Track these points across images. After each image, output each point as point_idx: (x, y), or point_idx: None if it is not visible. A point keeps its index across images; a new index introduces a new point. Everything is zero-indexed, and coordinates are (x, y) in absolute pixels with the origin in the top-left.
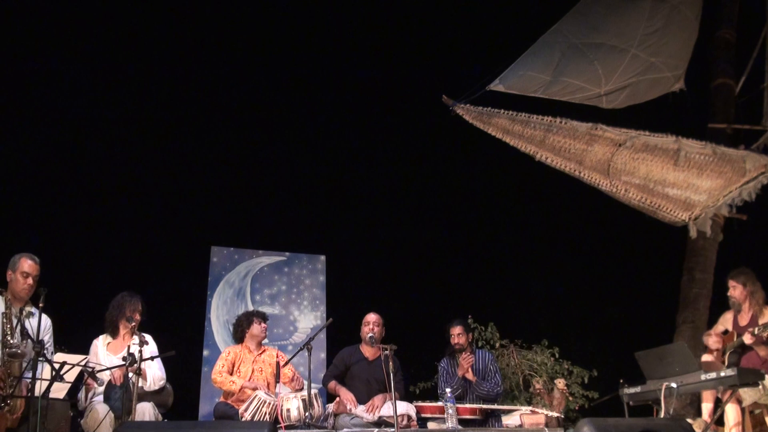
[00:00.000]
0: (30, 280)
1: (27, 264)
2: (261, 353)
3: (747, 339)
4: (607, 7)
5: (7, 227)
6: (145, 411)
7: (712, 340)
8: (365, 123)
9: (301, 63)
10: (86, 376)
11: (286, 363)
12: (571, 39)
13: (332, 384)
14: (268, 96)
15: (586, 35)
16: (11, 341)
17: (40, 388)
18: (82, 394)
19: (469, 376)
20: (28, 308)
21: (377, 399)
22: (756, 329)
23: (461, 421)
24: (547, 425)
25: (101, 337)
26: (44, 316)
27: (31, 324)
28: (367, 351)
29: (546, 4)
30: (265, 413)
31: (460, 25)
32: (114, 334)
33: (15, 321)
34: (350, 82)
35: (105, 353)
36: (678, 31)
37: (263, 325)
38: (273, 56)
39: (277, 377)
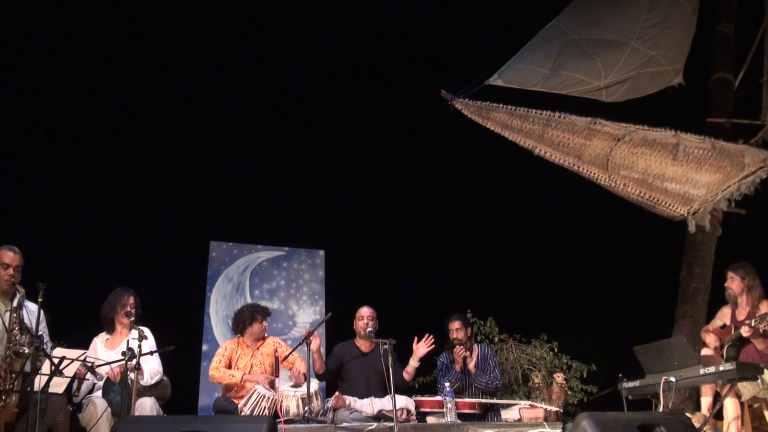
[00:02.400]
0: (11, 271)
1: (7, 256)
2: (259, 346)
3: (744, 332)
4: (606, 1)
5: (3, 222)
6: (146, 406)
7: (710, 339)
8: (364, 118)
9: (299, 57)
10: (86, 372)
11: (285, 358)
12: (570, 35)
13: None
14: (265, 91)
15: (585, 31)
16: (16, 338)
17: (39, 382)
18: (75, 385)
19: (471, 366)
20: (16, 300)
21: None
22: (753, 321)
23: (460, 416)
24: (545, 419)
25: (100, 335)
26: (34, 306)
27: (28, 315)
28: (363, 345)
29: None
30: (265, 408)
31: (459, 19)
32: (111, 330)
33: (8, 315)
34: (348, 76)
35: (104, 350)
36: (677, 25)
37: (264, 324)
38: (270, 50)
39: (277, 372)
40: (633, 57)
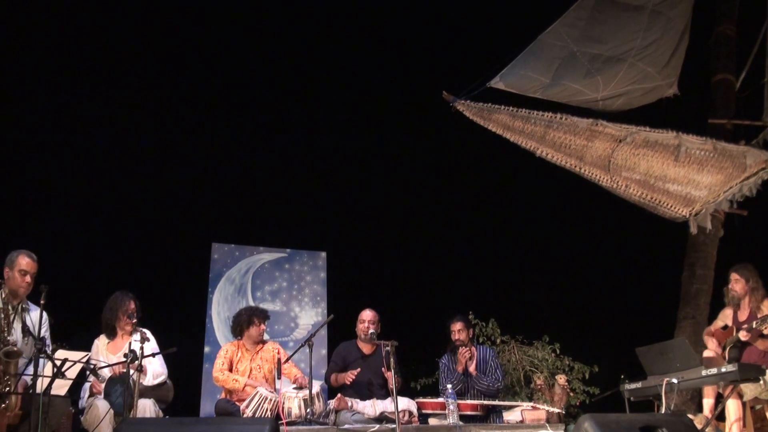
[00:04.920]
0: (28, 278)
1: (25, 261)
2: (259, 350)
3: (743, 336)
4: (606, 15)
5: (5, 223)
6: (146, 408)
7: (711, 345)
8: (365, 119)
9: (301, 59)
10: (88, 373)
11: (287, 359)
12: (571, 46)
13: (333, 377)
14: (268, 92)
15: (586, 45)
16: (8, 338)
17: (41, 385)
18: (84, 393)
19: (471, 368)
20: (23, 304)
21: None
22: (754, 323)
23: (462, 417)
24: (548, 421)
25: (101, 338)
26: (36, 309)
27: (31, 319)
28: (364, 347)
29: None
30: (267, 409)
31: (461, 20)
32: (111, 335)
33: (12, 318)
34: (351, 78)
35: (105, 354)
36: (671, 42)
37: (262, 327)
38: (274, 51)
39: (278, 373)
40: (630, 72)
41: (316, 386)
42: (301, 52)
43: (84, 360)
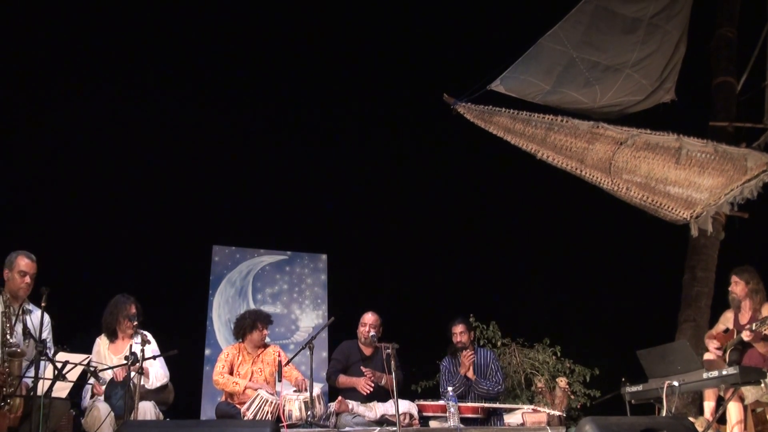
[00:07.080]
0: (27, 279)
1: (24, 262)
2: (260, 353)
3: (746, 336)
4: (605, 24)
5: (6, 225)
6: (146, 410)
7: (713, 346)
8: (367, 121)
9: (303, 61)
10: (89, 376)
11: (288, 362)
12: (570, 51)
13: (339, 378)
14: (269, 94)
15: (585, 50)
16: (10, 340)
17: (42, 387)
18: (86, 394)
19: (469, 374)
20: (25, 305)
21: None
22: (754, 324)
23: (463, 420)
24: (549, 424)
25: (102, 337)
26: (38, 311)
27: (32, 320)
28: (365, 348)
29: (547, 3)
30: (267, 412)
31: (462, 22)
32: (112, 337)
33: (14, 319)
34: (352, 80)
35: (107, 353)
36: (666, 54)
37: (264, 332)
38: (275, 52)
39: (279, 376)
40: (626, 83)
41: (317, 389)
42: (303, 55)
43: (85, 362)
